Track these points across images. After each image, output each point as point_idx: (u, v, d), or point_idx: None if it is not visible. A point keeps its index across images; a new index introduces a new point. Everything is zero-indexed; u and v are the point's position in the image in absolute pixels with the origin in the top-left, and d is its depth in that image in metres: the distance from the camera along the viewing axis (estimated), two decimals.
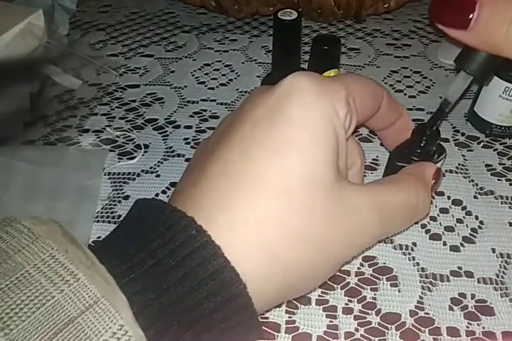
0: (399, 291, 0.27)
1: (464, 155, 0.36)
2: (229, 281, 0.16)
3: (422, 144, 0.26)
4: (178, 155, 0.36)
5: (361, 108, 0.22)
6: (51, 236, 0.15)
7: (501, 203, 0.32)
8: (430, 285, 0.27)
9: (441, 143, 0.27)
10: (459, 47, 0.23)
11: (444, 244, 0.29)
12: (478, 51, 0.21)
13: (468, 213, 0.31)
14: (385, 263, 0.28)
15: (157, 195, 0.33)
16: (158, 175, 0.35)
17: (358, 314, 0.26)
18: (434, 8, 0.21)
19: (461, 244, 0.29)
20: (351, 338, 0.25)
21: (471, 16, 0.19)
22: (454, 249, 0.29)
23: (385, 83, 0.43)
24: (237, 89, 0.43)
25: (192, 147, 0.37)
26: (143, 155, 0.36)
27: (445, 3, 0.20)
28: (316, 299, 0.27)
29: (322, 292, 0.27)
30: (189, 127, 0.39)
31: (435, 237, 0.30)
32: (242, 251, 0.17)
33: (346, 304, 0.26)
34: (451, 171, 0.34)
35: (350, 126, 0.21)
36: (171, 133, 0.39)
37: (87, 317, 0.14)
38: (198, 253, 0.16)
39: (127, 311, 0.15)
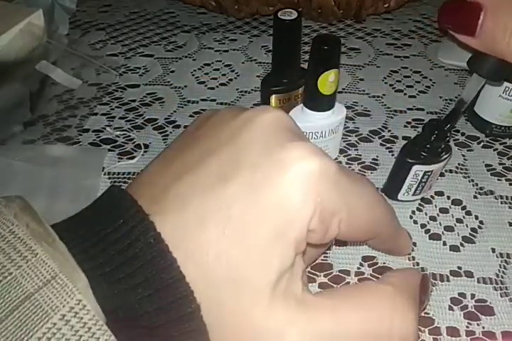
0: None
1: (463, 155, 0.36)
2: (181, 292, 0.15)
3: (433, 139, 0.27)
4: None
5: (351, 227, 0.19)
6: (12, 212, 0.15)
7: (501, 203, 0.32)
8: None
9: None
10: (460, 47, 0.23)
11: (444, 243, 0.29)
12: (489, 55, 0.21)
13: (468, 213, 0.31)
14: (384, 263, 0.28)
15: None
16: None
17: None
18: (445, 12, 0.21)
19: (461, 244, 0.29)
20: None
21: (477, 23, 0.19)
22: (454, 248, 0.29)
23: (385, 83, 0.43)
24: (237, 89, 0.43)
25: None
26: (143, 155, 0.36)
27: (454, 8, 0.20)
28: None
29: None
30: None
31: (435, 237, 0.30)
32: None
33: None
34: (451, 171, 0.34)
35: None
36: (170, 133, 0.39)
37: (44, 293, 0.14)
38: (152, 264, 0.15)
39: (85, 286, 0.14)
